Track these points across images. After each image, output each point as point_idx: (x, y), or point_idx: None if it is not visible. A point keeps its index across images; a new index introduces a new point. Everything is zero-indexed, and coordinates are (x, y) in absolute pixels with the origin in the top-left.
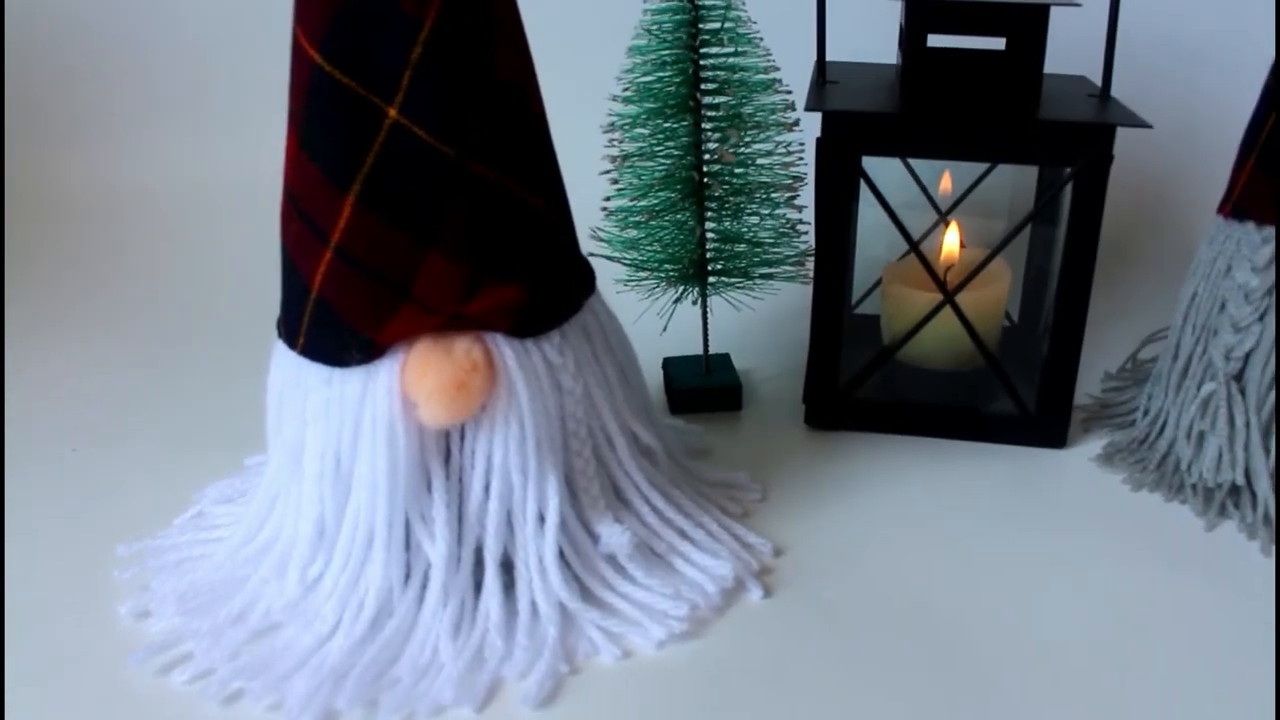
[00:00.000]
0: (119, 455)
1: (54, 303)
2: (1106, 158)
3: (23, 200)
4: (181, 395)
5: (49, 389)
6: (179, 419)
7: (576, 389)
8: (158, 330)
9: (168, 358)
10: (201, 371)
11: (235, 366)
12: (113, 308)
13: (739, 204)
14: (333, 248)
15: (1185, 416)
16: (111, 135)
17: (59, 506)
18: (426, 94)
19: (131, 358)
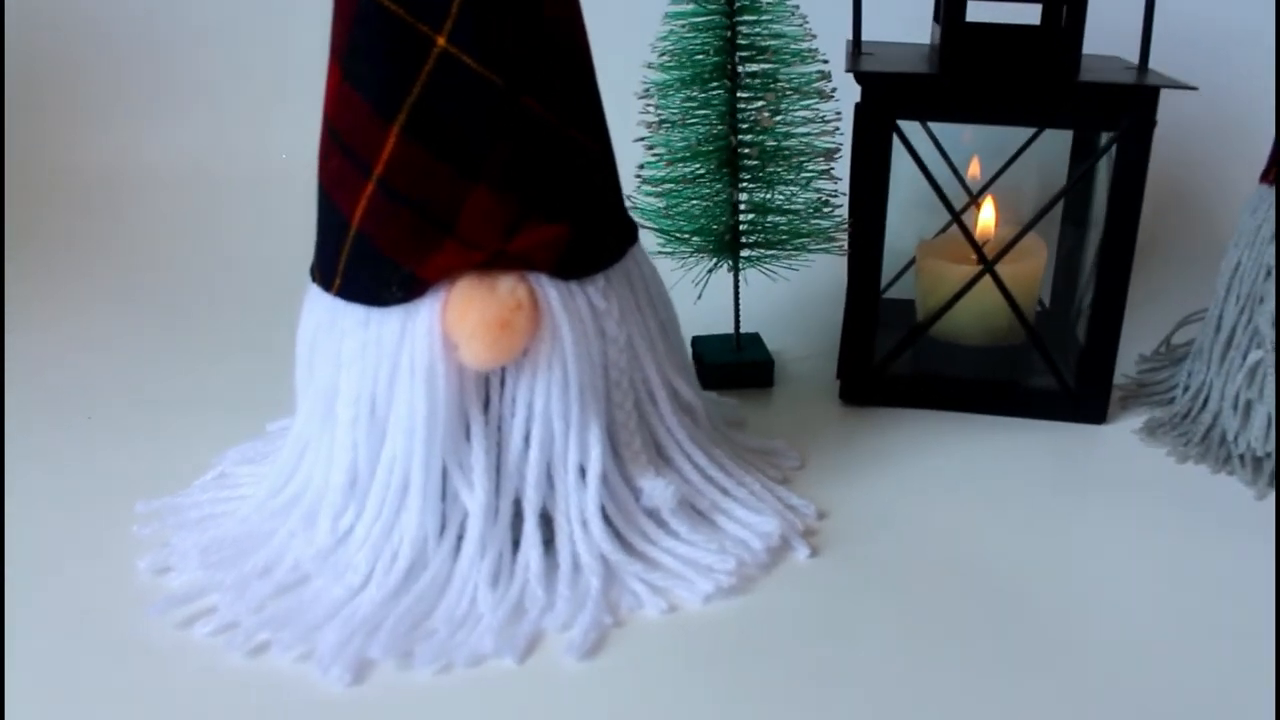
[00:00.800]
0: (137, 423)
1: (70, 277)
2: (1150, 121)
3: (40, 176)
4: (199, 364)
5: (65, 360)
6: (197, 387)
7: (620, 337)
8: (174, 302)
9: (184, 329)
10: (218, 341)
11: (252, 336)
12: (128, 281)
13: (774, 173)
14: (375, 180)
15: (1231, 387)
16: (131, 114)
17: (75, 472)
18: (477, 22)
19: (148, 329)
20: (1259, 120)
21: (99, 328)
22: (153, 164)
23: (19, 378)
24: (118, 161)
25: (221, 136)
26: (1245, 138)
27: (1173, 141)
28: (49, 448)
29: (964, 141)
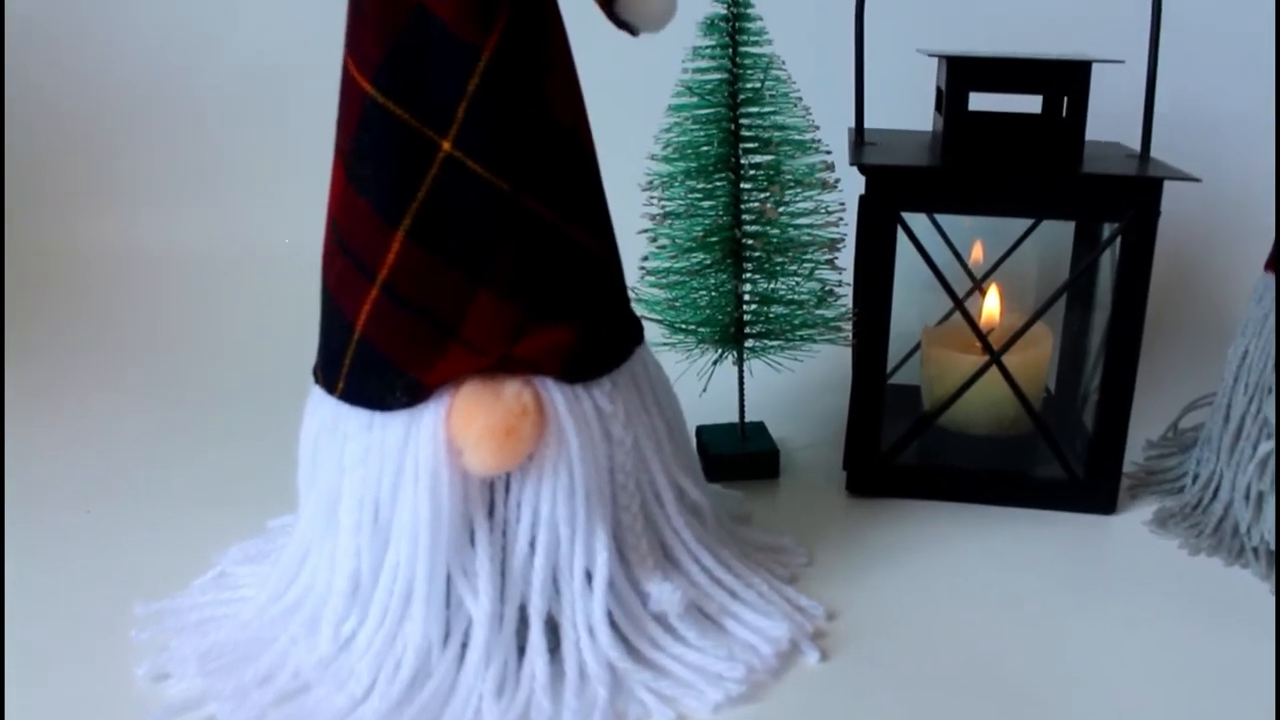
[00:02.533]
0: (135, 516)
1: (68, 364)
2: (1154, 213)
3: (38, 261)
4: (197, 456)
5: (64, 449)
6: (196, 480)
7: (627, 439)
8: (173, 391)
9: (183, 418)
10: (217, 432)
11: (252, 426)
12: (126, 368)
13: (778, 264)
14: (380, 285)
15: (1242, 478)
16: (127, 199)
17: (74, 568)
18: (482, 126)
19: (146, 418)
20: (1264, 204)
21: (98, 416)
22: (152, 248)
23: (17, 467)
24: (117, 246)
25: (222, 221)
26: (1250, 219)
27: (1176, 223)
28: (47, 543)
29: (966, 226)
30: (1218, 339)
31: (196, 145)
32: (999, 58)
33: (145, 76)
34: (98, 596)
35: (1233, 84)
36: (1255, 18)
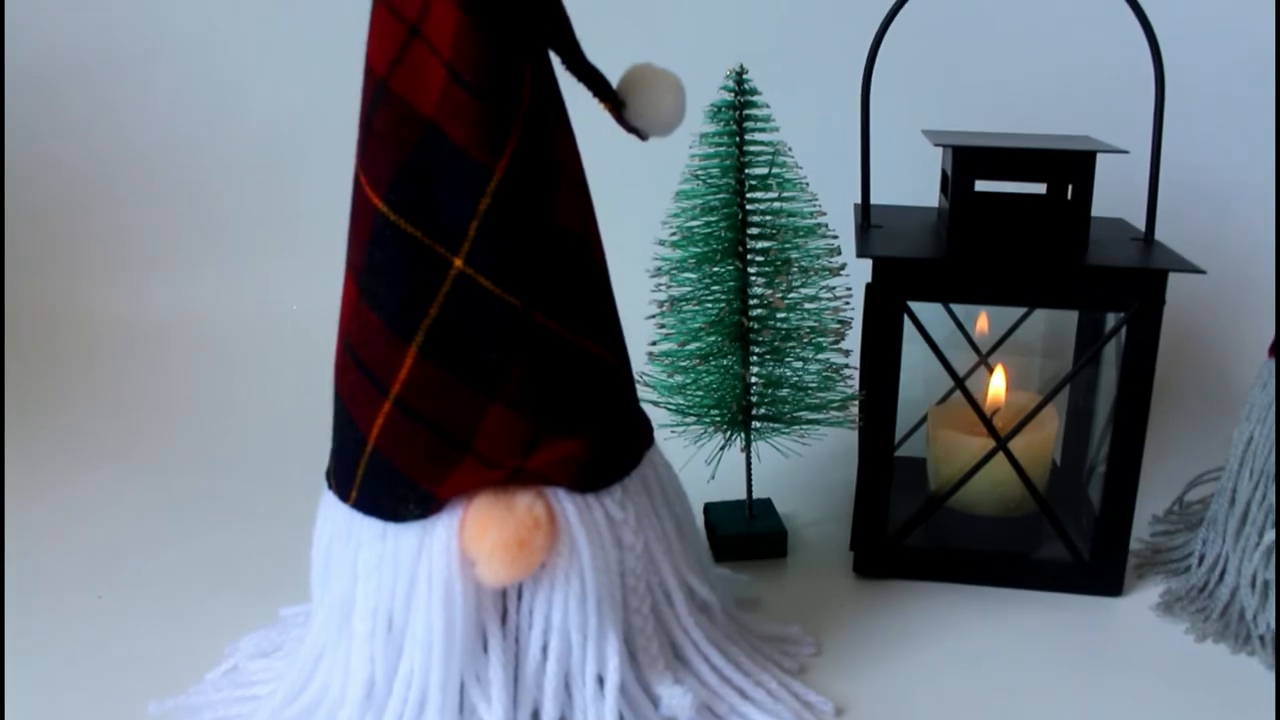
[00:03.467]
0: (146, 601)
1: (74, 438)
2: (1159, 303)
3: (44, 331)
4: (208, 536)
5: (72, 527)
6: (207, 562)
7: (637, 544)
8: (183, 465)
9: (193, 495)
10: (229, 514)
11: (263, 504)
12: (136, 441)
13: (786, 350)
14: (392, 399)
15: (1248, 565)
16: (142, 270)
17: (86, 657)
18: (493, 244)
19: (156, 495)
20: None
21: (106, 491)
22: (162, 316)
23: (25, 545)
24: (125, 314)
25: (232, 288)
26: (1256, 292)
27: (1182, 292)
28: (56, 631)
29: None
30: (1224, 409)
31: (206, 213)
32: (1004, 148)
33: (157, 144)
34: (109, 688)
35: (1237, 152)
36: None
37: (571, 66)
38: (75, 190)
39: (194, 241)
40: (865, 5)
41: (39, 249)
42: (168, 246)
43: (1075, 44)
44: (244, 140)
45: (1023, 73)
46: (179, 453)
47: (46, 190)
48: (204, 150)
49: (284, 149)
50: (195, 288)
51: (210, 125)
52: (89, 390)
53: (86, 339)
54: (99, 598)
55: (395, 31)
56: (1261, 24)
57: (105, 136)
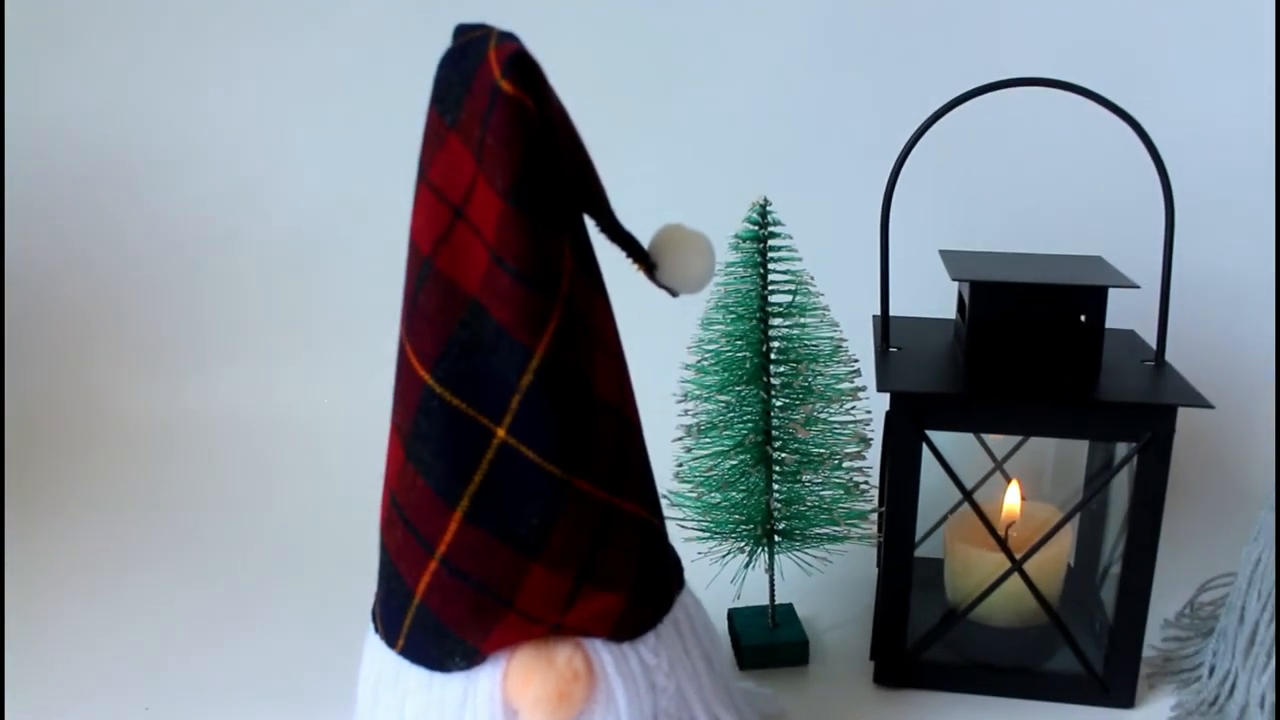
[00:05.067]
0: (192, 714)
1: (113, 538)
2: (1169, 433)
3: (75, 430)
4: (248, 646)
5: (112, 633)
6: (248, 671)
7: (670, 686)
8: (220, 569)
9: (232, 605)
10: (267, 620)
11: (301, 614)
12: (173, 544)
13: (811, 468)
14: (438, 559)
15: (1257, 685)
16: (171, 364)
17: None
18: (535, 415)
19: (195, 605)
20: None
21: (144, 599)
22: (195, 414)
23: (67, 653)
24: (158, 412)
25: (263, 384)
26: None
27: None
28: None
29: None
30: (1236, 510)
31: (235, 312)
32: (1020, 283)
33: (188, 243)
34: None
35: (1243, 251)
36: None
37: (606, 230)
38: (108, 288)
39: (223, 341)
40: (885, 125)
41: (70, 347)
42: (198, 346)
43: (1087, 159)
44: (276, 238)
45: (1038, 184)
46: (216, 555)
47: (80, 287)
48: (236, 249)
49: (313, 247)
50: (224, 386)
51: (238, 227)
52: (128, 491)
53: (119, 438)
54: (146, 709)
55: (440, 213)
56: (1257, 124)
57: (137, 236)
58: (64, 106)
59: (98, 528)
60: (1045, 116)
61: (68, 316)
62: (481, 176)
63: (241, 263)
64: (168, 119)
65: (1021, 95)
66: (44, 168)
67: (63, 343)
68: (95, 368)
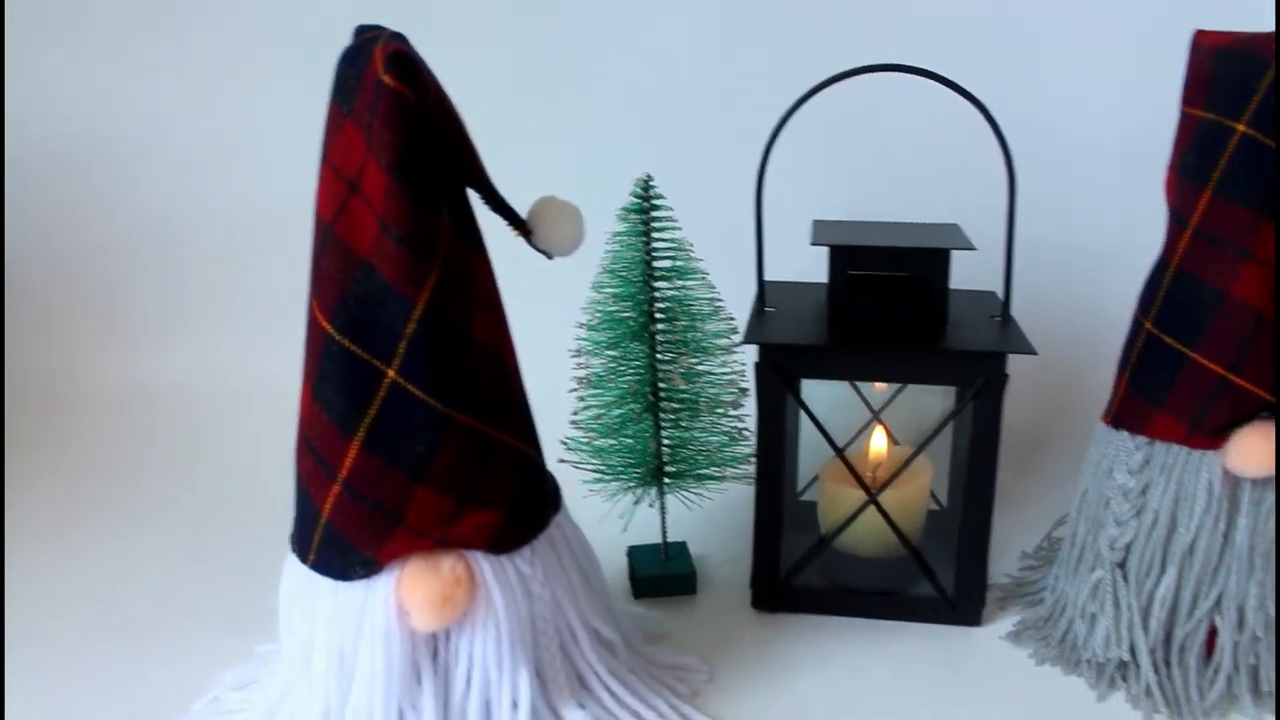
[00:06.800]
0: (140, 642)
1: (67, 493)
2: (1001, 379)
3: (37, 398)
4: (195, 585)
5: (64, 575)
6: (194, 607)
7: (545, 595)
8: (167, 524)
9: (181, 549)
10: (211, 563)
11: (242, 558)
12: (124, 499)
13: (691, 415)
14: (340, 482)
15: (1080, 599)
16: (124, 334)
17: (84, 690)
18: (419, 358)
19: (148, 551)
20: None
21: (102, 545)
22: (148, 383)
23: (18, 592)
24: (113, 381)
25: (216, 356)
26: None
27: (1073, 350)
28: (57, 666)
29: None
30: None
31: (190, 286)
32: (871, 246)
33: (145, 221)
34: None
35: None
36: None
37: (488, 202)
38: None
39: (172, 314)
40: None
41: (33, 320)
42: (149, 318)
43: (965, 136)
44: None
45: (922, 160)
46: (165, 509)
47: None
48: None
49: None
50: (178, 356)
51: (191, 205)
52: (79, 452)
53: (75, 405)
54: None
55: (339, 189)
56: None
57: (99, 209)
58: (21, 91)
59: (58, 483)
60: (930, 95)
61: (24, 293)
62: (371, 156)
63: (193, 240)
64: (124, 100)
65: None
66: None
67: (21, 317)
68: (52, 341)
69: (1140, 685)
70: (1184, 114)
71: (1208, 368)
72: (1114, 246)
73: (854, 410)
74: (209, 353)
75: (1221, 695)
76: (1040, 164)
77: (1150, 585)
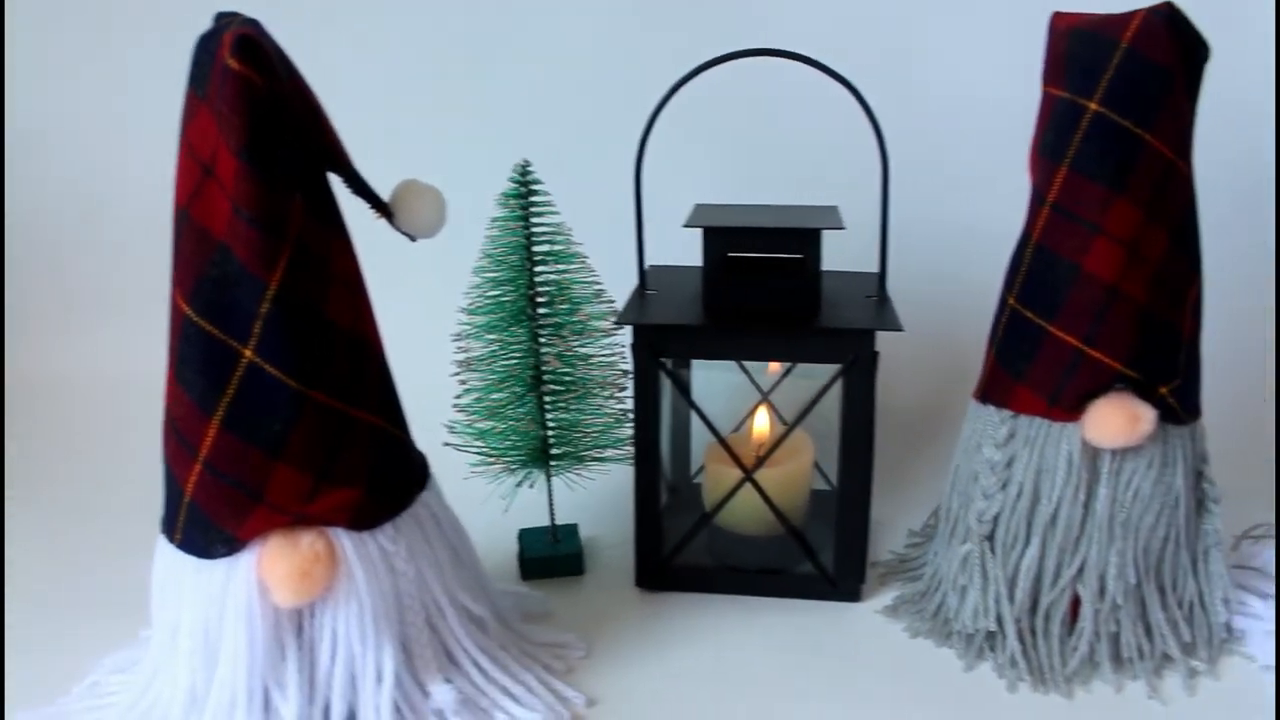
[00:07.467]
0: (24, 628)
1: None
2: (871, 356)
3: None
4: (83, 570)
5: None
6: (82, 592)
7: (409, 571)
8: (58, 510)
9: (68, 535)
10: (99, 547)
11: (128, 546)
12: (9, 491)
13: (573, 397)
14: (201, 461)
15: (950, 572)
16: (43, 330)
17: None
18: (274, 338)
19: (35, 536)
20: None
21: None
22: (30, 371)
23: None
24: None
25: (99, 344)
26: None
27: (962, 319)
28: None
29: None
30: None
31: (102, 279)
32: (743, 227)
33: (14, 211)
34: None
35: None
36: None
37: (349, 185)
38: None
39: (49, 303)
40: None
41: None
42: (25, 309)
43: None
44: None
45: (817, 142)
46: (52, 497)
47: None
48: (97, 221)
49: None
50: (55, 344)
51: (103, 199)
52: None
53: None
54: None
55: (194, 172)
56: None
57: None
58: None
59: None
60: (818, 79)
61: None
62: (222, 140)
63: (105, 234)
64: (38, 95)
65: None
66: None
67: None
68: None
69: (1006, 655)
70: (1044, 93)
71: (1065, 341)
72: (1003, 226)
73: (750, 393)
74: (91, 341)
75: (1083, 662)
76: (930, 147)
77: (1016, 556)
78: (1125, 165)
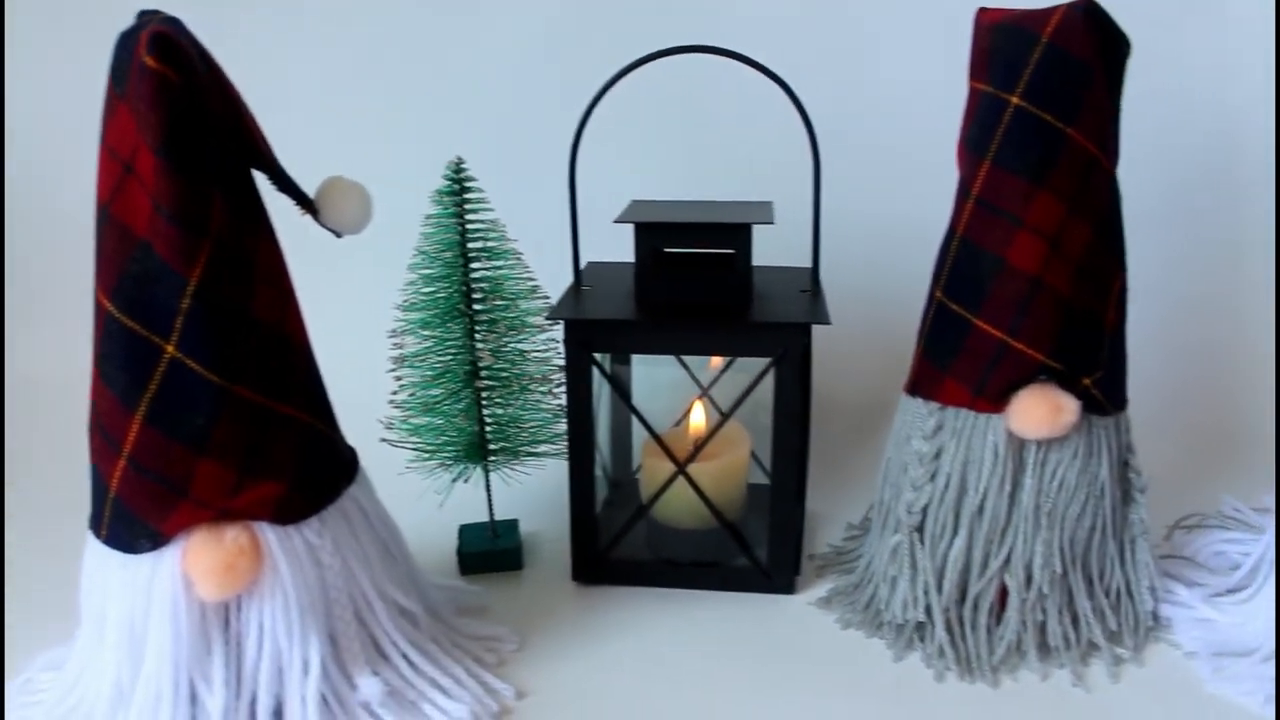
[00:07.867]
0: None
1: None
2: (801, 348)
3: None
4: (18, 570)
5: None
6: (17, 593)
7: (335, 564)
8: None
9: (10, 533)
10: (34, 548)
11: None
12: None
13: (509, 393)
14: (125, 457)
15: (881, 563)
16: None
17: None
18: (196, 333)
19: None
20: None
21: None
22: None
23: None
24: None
25: (32, 343)
26: None
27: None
28: None
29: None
30: None
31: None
32: (674, 222)
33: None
34: None
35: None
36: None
37: (274, 182)
38: None
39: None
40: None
41: None
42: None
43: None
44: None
45: (756, 139)
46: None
47: None
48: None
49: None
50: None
51: (42, 202)
52: None
53: None
54: None
55: (114, 169)
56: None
57: None
58: None
59: None
60: (756, 76)
61: None
62: (141, 137)
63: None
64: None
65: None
66: None
67: None
68: None
69: (934, 645)
70: (970, 88)
71: (989, 333)
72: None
73: (691, 389)
74: (26, 340)
75: (1010, 651)
76: (865, 143)
77: (944, 547)
78: (1047, 159)
